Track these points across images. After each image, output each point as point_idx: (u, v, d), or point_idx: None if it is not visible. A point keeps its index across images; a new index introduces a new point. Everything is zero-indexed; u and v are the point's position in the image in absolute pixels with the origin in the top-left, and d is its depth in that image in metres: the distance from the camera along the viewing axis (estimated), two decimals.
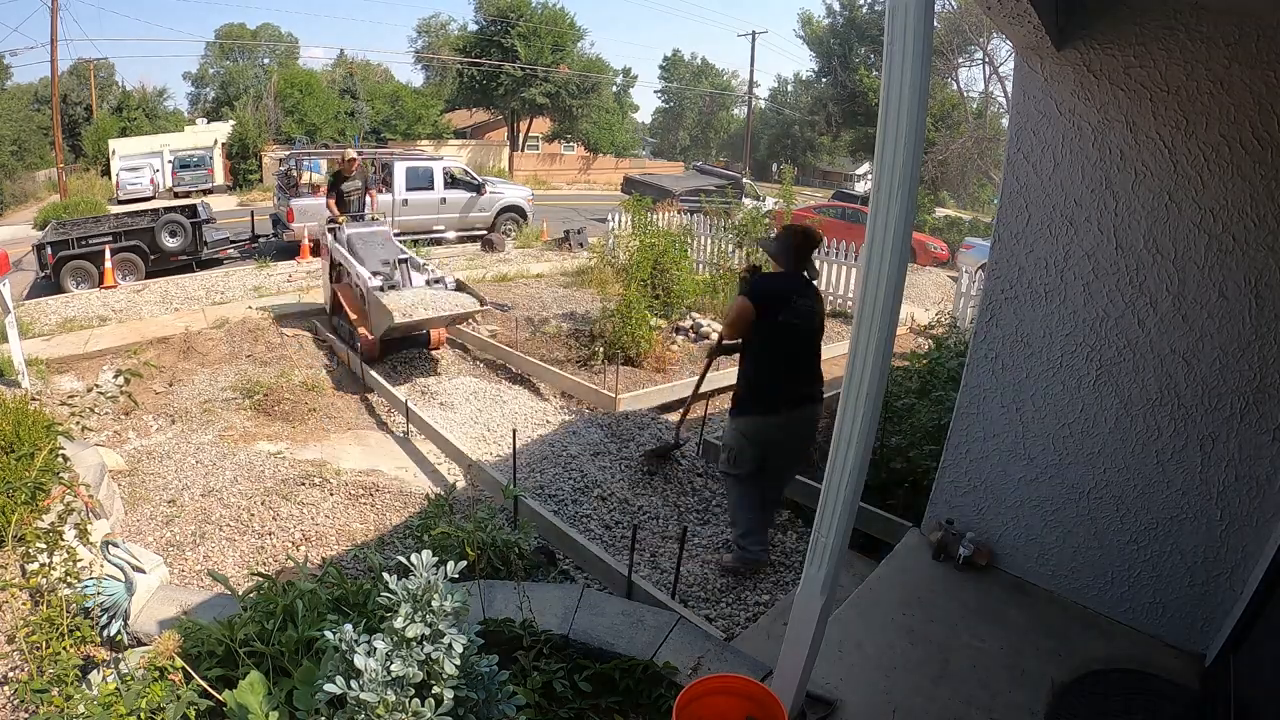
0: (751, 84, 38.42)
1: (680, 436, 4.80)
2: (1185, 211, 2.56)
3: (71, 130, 26.92)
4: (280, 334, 7.53)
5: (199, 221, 11.00)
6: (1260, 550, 2.50)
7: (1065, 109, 2.74)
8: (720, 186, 17.59)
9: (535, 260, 11.97)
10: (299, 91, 28.02)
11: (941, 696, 2.47)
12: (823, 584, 2.07)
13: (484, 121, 36.58)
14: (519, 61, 29.97)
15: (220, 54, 34.79)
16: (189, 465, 4.65)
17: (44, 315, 7.92)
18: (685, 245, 9.13)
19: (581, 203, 23.21)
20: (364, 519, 4.13)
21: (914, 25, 1.55)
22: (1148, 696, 2.51)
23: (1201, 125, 2.48)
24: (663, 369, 6.87)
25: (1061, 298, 2.88)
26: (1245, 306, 2.49)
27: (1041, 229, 2.89)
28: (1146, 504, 2.78)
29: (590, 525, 4.13)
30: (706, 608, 3.37)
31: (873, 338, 1.79)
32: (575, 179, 34.08)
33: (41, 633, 2.42)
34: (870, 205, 1.73)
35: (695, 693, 2.08)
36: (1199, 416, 2.63)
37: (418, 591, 1.71)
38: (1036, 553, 3.08)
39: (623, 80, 38.52)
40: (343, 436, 5.35)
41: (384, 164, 13.62)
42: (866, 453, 1.92)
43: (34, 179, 24.35)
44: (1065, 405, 2.91)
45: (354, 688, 1.62)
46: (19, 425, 3.45)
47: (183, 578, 3.51)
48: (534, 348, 7.25)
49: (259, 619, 2.23)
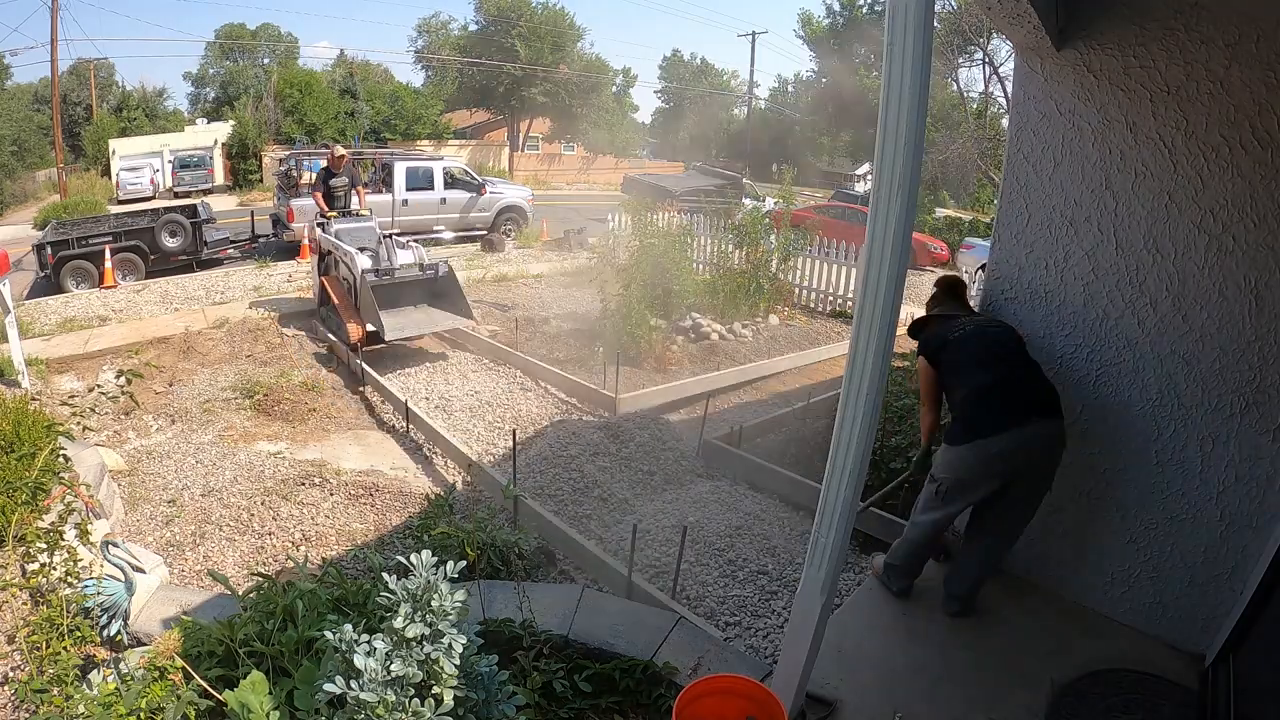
0: (751, 84, 38.50)
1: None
2: (1185, 211, 2.56)
3: (71, 130, 26.94)
4: (280, 334, 7.53)
5: (199, 221, 11.00)
6: (1260, 551, 2.50)
7: (1065, 109, 2.74)
8: (720, 186, 17.59)
9: (535, 260, 11.97)
10: (299, 91, 28.03)
11: (941, 696, 2.47)
12: (823, 584, 2.07)
13: (484, 121, 36.58)
14: (519, 61, 29.98)
15: (220, 54, 34.76)
16: (189, 465, 4.65)
17: (44, 315, 7.92)
18: (685, 245, 9.13)
19: (581, 203, 23.22)
20: (364, 519, 4.13)
21: (914, 25, 1.55)
22: (1148, 696, 2.51)
23: (1201, 125, 2.48)
24: (663, 369, 6.87)
25: (1061, 298, 2.88)
26: (1245, 306, 2.49)
27: (1041, 229, 2.89)
28: (1146, 504, 2.78)
29: (590, 525, 4.13)
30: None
31: (873, 338, 1.79)
32: (575, 179, 34.09)
33: (41, 633, 2.42)
34: (870, 205, 1.73)
35: (695, 693, 2.08)
36: (1199, 417, 2.63)
37: (417, 591, 1.71)
38: (1037, 553, 3.08)
39: (623, 80, 38.56)
40: (343, 436, 5.35)
41: (384, 164, 13.62)
42: (866, 453, 1.92)
43: (34, 179, 24.36)
44: (1065, 405, 2.91)
45: (354, 688, 1.62)
46: (19, 425, 3.45)
47: (183, 578, 3.51)
48: (534, 348, 7.25)
49: (259, 619, 2.23)
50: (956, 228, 17.86)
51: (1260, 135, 2.38)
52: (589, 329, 7.40)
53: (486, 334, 7.65)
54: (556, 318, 8.23)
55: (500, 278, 10.25)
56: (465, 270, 10.38)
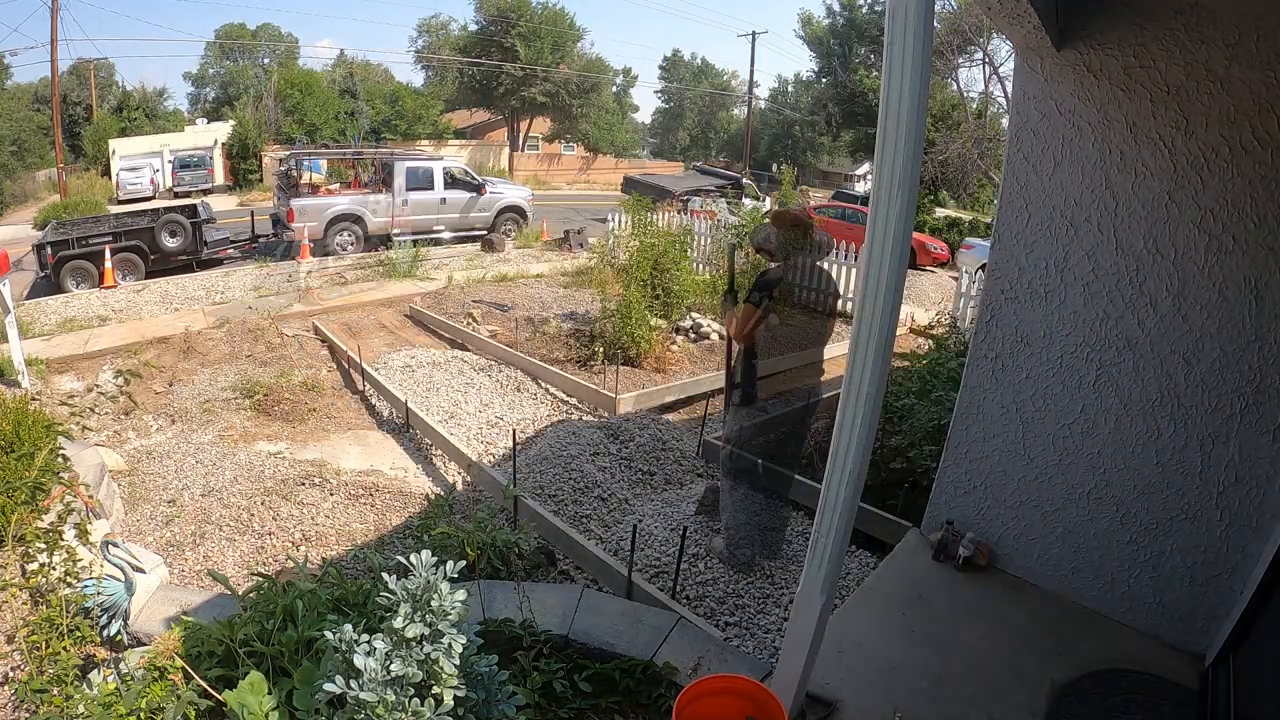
0: (751, 84, 38.45)
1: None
2: (1185, 211, 2.56)
3: (71, 130, 26.94)
4: (280, 334, 7.53)
5: (199, 221, 11.01)
6: (1260, 550, 2.50)
7: (1065, 109, 2.74)
8: (720, 186, 17.60)
9: (535, 260, 11.97)
10: (299, 91, 28.03)
11: (941, 697, 2.47)
12: (823, 584, 2.07)
13: (484, 121, 36.58)
14: (519, 61, 29.98)
15: (220, 54, 34.79)
16: (189, 465, 4.65)
17: (44, 315, 7.92)
18: (685, 245, 9.13)
19: (581, 203, 23.22)
20: (364, 519, 4.13)
21: (914, 25, 1.55)
22: (1148, 696, 2.51)
23: (1201, 125, 2.48)
24: (663, 369, 6.87)
25: (1061, 298, 2.88)
26: (1245, 306, 2.49)
27: (1041, 229, 2.88)
28: (1146, 504, 2.78)
29: (590, 525, 4.13)
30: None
31: (873, 338, 1.79)
32: (575, 179, 34.10)
33: (41, 633, 2.42)
34: (870, 205, 1.73)
35: (695, 693, 2.08)
36: (1199, 417, 2.63)
37: (417, 591, 1.71)
38: (1036, 553, 3.08)
39: (623, 80, 38.56)
40: (342, 436, 5.35)
41: (384, 164, 13.63)
42: (866, 453, 1.92)
43: (34, 179, 24.36)
44: (1065, 405, 2.91)
45: (354, 687, 1.62)
46: (19, 425, 3.45)
47: (183, 578, 3.51)
48: (534, 348, 7.25)
49: (259, 619, 2.23)
50: (956, 228, 17.84)
51: (1260, 135, 2.38)
52: (589, 329, 7.40)
53: (486, 334, 7.66)
54: (556, 318, 8.23)
55: (500, 278, 10.25)
56: (465, 270, 10.40)
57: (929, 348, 5.78)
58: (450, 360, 6.95)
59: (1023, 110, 2.87)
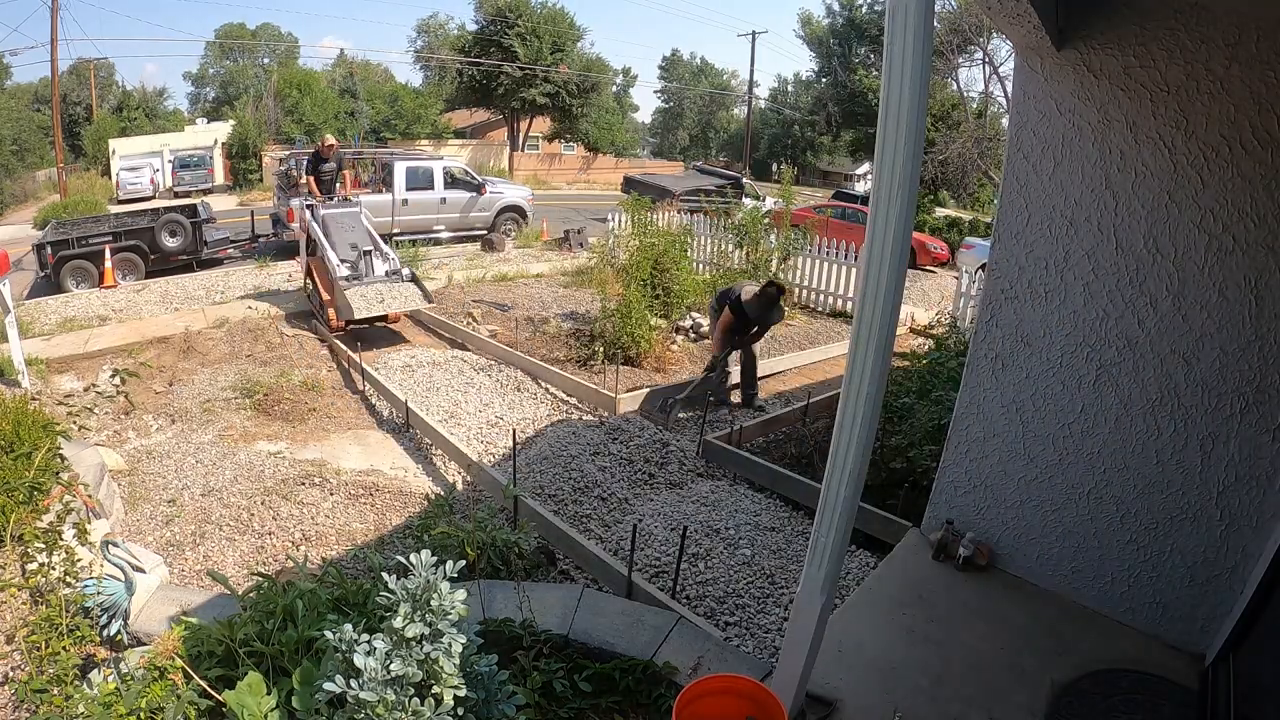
0: (751, 84, 38.46)
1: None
2: (1185, 211, 2.56)
3: (71, 130, 26.96)
4: (280, 334, 7.53)
5: (199, 221, 11.00)
6: (1260, 550, 2.50)
7: (1065, 109, 2.74)
8: (720, 186, 17.59)
9: (535, 260, 11.96)
10: (299, 91, 28.03)
11: (941, 696, 2.47)
12: (823, 584, 2.07)
13: (484, 121, 36.56)
14: (519, 61, 29.95)
15: (220, 54, 34.82)
16: (189, 465, 4.65)
17: (44, 315, 7.92)
18: (685, 245, 9.13)
19: (581, 203, 23.22)
20: (364, 519, 4.13)
21: (914, 25, 1.55)
22: (1148, 696, 2.51)
23: (1201, 125, 2.48)
24: (662, 369, 6.87)
25: (1061, 298, 2.88)
26: (1245, 306, 2.49)
27: (1041, 229, 2.88)
28: (1147, 504, 2.78)
29: (590, 525, 4.13)
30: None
31: (873, 338, 1.79)
32: (575, 179, 34.07)
33: (41, 633, 2.42)
34: (870, 205, 1.73)
35: (695, 693, 2.08)
36: (1199, 416, 2.63)
37: (417, 591, 1.71)
38: (1036, 553, 3.09)
39: (623, 80, 38.56)
40: (342, 436, 5.35)
41: (384, 164, 13.61)
42: (866, 453, 1.92)
43: (34, 179, 24.37)
44: (1065, 405, 2.91)
45: (354, 687, 1.62)
46: (18, 425, 3.45)
47: (183, 578, 3.51)
48: (534, 347, 7.25)
49: (259, 619, 2.23)
50: (956, 227, 17.83)
51: (1260, 135, 2.37)
52: (589, 329, 7.40)
53: (486, 334, 7.66)
54: (556, 318, 8.23)
55: (500, 278, 10.25)
56: (465, 270, 10.39)
57: (929, 347, 5.79)
58: (450, 360, 6.95)
59: (1023, 110, 2.87)
